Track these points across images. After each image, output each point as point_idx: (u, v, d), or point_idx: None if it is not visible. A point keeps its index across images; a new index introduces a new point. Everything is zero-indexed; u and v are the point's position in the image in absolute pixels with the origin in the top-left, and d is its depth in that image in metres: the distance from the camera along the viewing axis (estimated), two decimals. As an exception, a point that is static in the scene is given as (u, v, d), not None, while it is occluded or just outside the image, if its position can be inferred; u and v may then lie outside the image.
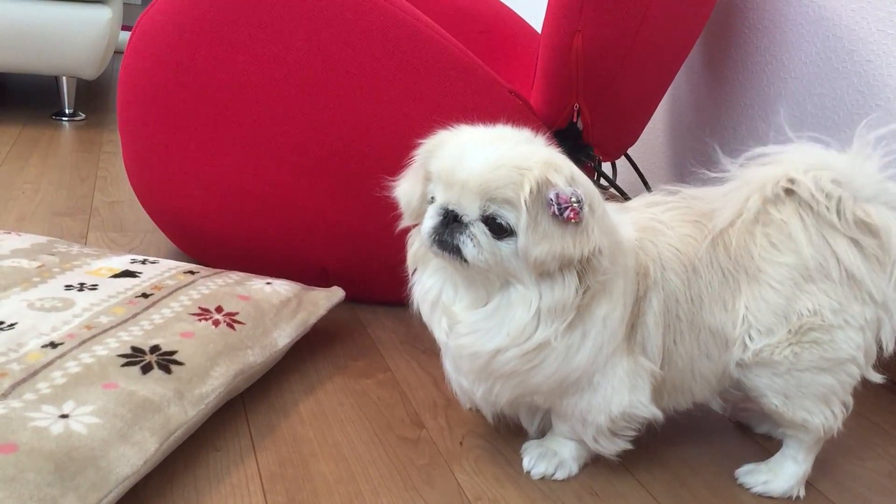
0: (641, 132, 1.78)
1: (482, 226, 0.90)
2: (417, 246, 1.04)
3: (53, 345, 1.04)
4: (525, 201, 0.87)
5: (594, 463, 1.10)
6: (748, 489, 1.08)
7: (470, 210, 0.90)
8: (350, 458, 1.06)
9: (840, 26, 1.56)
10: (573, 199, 0.87)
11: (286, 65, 1.35)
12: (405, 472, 1.05)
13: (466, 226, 0.91)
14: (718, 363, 1.05)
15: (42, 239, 1.45)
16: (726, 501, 1.06)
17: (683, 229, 1.05)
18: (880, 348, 1.03)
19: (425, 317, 1.04)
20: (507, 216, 0.89)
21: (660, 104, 1.82)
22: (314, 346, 1.35)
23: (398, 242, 1.45)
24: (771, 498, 1.07)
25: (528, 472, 1.07)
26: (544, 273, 0.91)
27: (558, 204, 0.87)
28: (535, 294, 0.92)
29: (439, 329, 1.01)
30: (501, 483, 1.04)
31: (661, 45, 1.51)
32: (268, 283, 1.33)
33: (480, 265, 0.91)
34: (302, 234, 1.47)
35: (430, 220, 0.93)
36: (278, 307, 1.27)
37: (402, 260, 1.48)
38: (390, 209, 1.41)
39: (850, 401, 1.05)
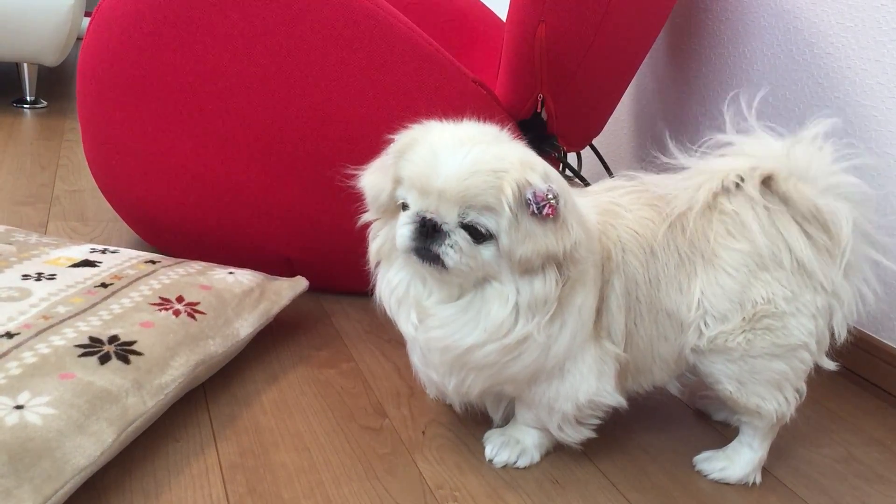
0: (606, 123, 1.79)
1: (463, 232, 0.90)
2: (382, 241, 1.03)
3: (9, 335, 1.03)
4: (509, 206, 0.87)
5: (555, 451, 1.11)
6: (706, 476, 1.10)
7: (449, 218, 0.90)
8: (312, 447, 1.06)
9: (801, 19, 1.58)
10: (549, 196, 0.88)
11: (248, 53, 1.34)
12: (367, 461, 1.05)
13: (447, 234, 0.90)
14: (675, 345, 1.07)
15: (0, 228, 1.42)
16: (684, 488, 1.07)
17: (641, 212, 1.06)
18: (833, 336, 1.05)
19: (391, 312, 1.03)
20: (487, 222, 0.90)
21: (624, 95, 1.83)
22: (277, 336, 1.35)
23: (362, 232, 1.44)
24: (728, 484, 1.09)
25: (491, 461, 1.08)
26: (528, 271, 0.92)
27: (536, 202, 0.88)
28: (513, 290, 0.93)
29: (407, 323, 1.00)
30: (463, 472, 1.05)
31: (625, 36, 1.52)
32: (230, 273, 1.32)
33: (463, 270, 0.92)
34: (265, 223, 1.46)
35: (405, 227, 0.92)
36: (240, 297, 1.26)
37: (366, 251, 1.47)
38: (354, 199, 1.41)
39: (803, 387, 1.07)
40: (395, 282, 1.01)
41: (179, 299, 1.19)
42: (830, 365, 1.07)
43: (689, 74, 1.89)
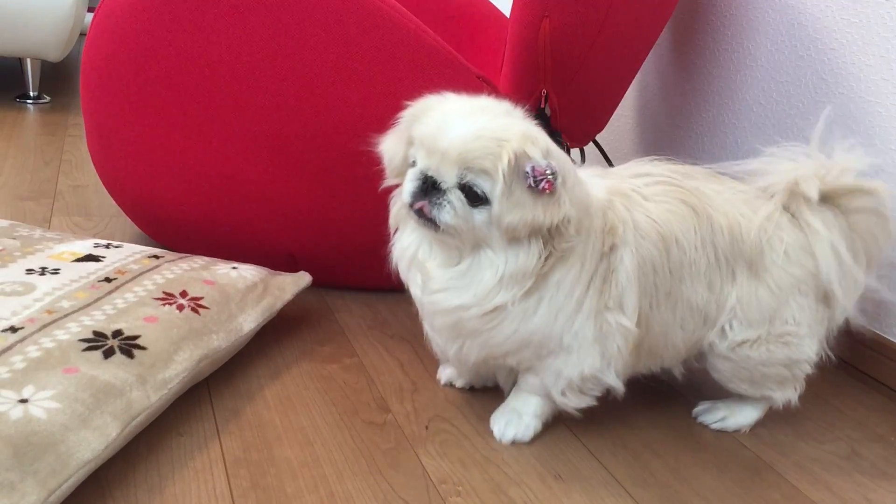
0: (609, 118, 1.78)
1: (458, 193, 0.94)
2: (399, 206, 1.07)
3: (13, 329, 1.03)
4: (502, 172, 0.90)
5: (557, 445, 1.11)
6: (707, 425, 1.17)
7: (448, 178, 0.94)
8: (315, 442, 1.06)
9: (805, 14, 1.57)
10: (548, 172, 0.91)
11: (253, 48, 1.33)
12: (370, 456, 1.05)
13: (444, 192, 0.94)
14: (691, 335, 1.11)
15: (4, 223, 1.42)
16: (688, 484, 1.07)
17: (670, 205, 1.07)
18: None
19: (403, 274, 1.08)
20: (483, 185, 0.93)
21: (628, 91, 1.83)
22: (280, 331, 1.35)
23: (366, 227, 1.44)
24: (733, 481, 1.08)
25: (500, 440, 1.11)
26: (513, 239, 0.95)
27: (534, 176, 0.91)
28: (503, 260, 0.97)
29: (415, 285, 1.05)
30: (466, 466, 1.05)
31: (628, 32, 1.52)
32: (234, 268, 1.32)
33: (455, 230, 0.96)
34: (269, 218, 1.46)
35: (409, 183, 0.97)
36: (244, 292, 1.26)
37: (370, 245, 1.47)
38: (358, 194, 1.41)
39: (803, 383, 1.18)
40: (407, 243, 1.06)
41: (183, 294, 1.19)
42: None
43: (693, 70, 1.89)
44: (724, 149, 1.78)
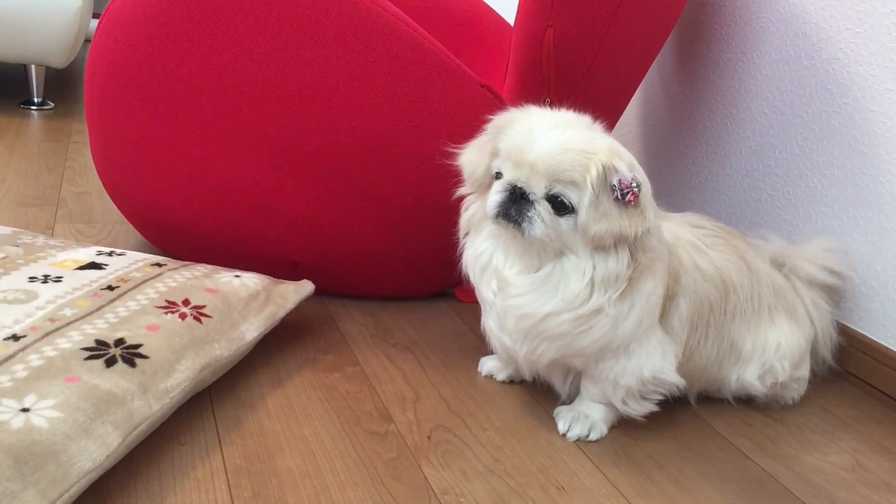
0: (613, 127, 1.78)
1: (546, 204, 0.99)
2: (473, 212, 1.13)
3: (16, 337, 1.03)
4: (592, 183, 0.94)
5: (560, 456, 1.10)
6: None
7: (537, 189, 0.99)
8: (317, 452, 1.06)
9: (809, 24, 1.57)
10: (633, 184, 0.95)
11: (256, 57, 1.34)
12: (372, 466, 1.04)
13: (532, 203, 0.99)
14: (722, 373, 1.23)
15: (7, 230, 1.42)
16: (691, 495, 1.06)
17: (727, 255, 1.18)
18: None
19: (474, 278, 1.13)
20: (570, 195, 0.98)
21: (632, 100, 1.83)
22: (283, 339, 1.35)
23: (368, 235, 1.44)
24: (737, 493, 1.08)
25: (564, 435, 1.14)
26: (599, 247, 1.00)
27: (620, 189, 0.95)
28: (589, 265, 1.01)
29: (487, 289, 1.09)
30: (469, 477, 1.04)
31: (632, 40, 1.52)
32: (236, 276, 1.32)
33: (543, 238, 1.00)
34: (272, 226, 1.46)
35: (497, 195, 1.01)
36: (246, 300, 1.26)
37: (373, 253, 1.47)
38: (361, 202, 1.41)
39: None
40: (481, 250, 1.10)
41: (185, 302, 1.19)
42: None
43: (697, 79, 1.89)
44: (727, 158, 1.78)
